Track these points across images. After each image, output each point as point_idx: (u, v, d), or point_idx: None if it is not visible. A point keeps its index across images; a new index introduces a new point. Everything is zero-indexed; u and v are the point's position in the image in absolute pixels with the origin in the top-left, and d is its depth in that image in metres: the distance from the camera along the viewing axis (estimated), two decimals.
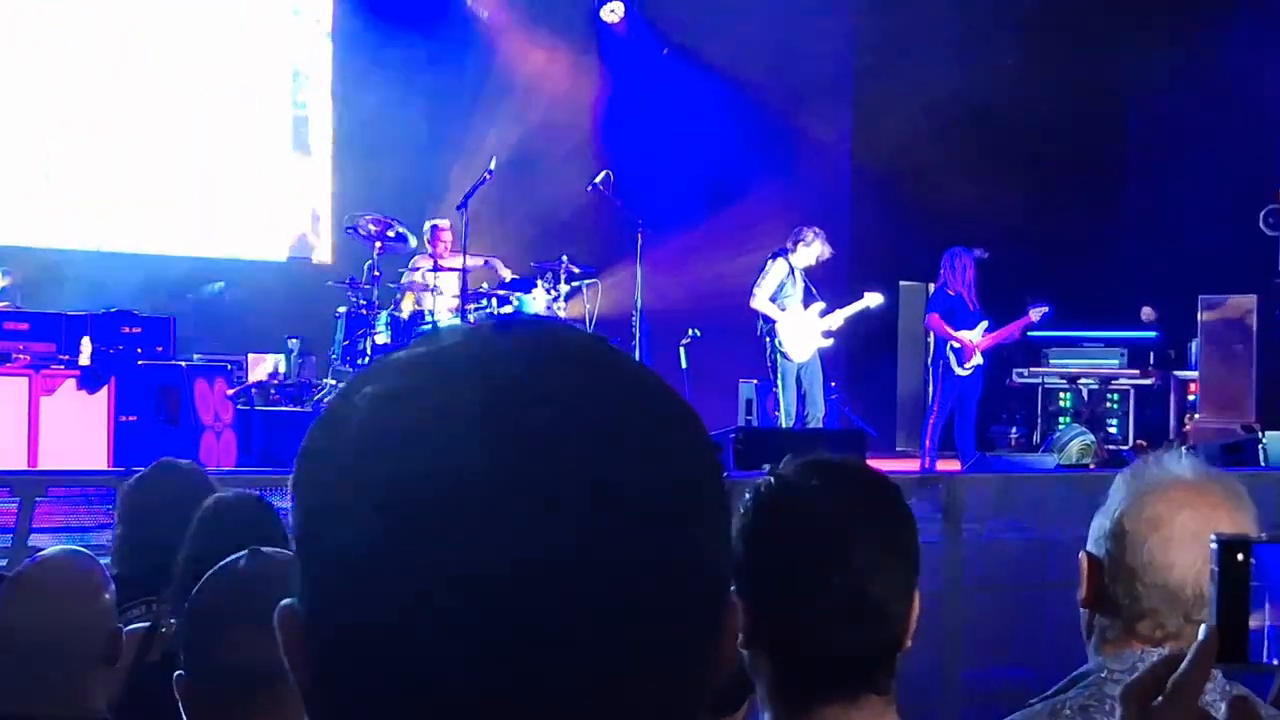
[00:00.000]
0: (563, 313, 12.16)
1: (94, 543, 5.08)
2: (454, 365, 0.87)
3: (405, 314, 12.14)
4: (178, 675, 2.18)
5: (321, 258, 15.08)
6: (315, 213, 15.31)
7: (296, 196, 15.19)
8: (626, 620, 0.83)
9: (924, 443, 12.15)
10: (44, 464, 9.65)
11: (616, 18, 15.78)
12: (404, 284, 12.40)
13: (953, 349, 11.85)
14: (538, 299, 12.09)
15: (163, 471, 4.17)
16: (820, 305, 11.85)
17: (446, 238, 12.49)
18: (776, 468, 2.02)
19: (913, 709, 2.09)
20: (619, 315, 12.65)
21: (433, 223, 12.73)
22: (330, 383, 12.27)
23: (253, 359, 13.26)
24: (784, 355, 11.74)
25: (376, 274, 12.30)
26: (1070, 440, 11.62)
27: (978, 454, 11.69)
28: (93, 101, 13.77)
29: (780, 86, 15.29)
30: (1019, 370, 15.37)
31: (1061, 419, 14.79)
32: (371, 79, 14.49)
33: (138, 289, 12.46)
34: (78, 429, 10.10)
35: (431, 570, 0.81)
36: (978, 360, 11.95)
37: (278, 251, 14.99)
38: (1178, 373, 14.91)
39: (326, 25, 15.39)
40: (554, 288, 12.25)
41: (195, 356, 11.72)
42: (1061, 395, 15.34)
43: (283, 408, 12.34)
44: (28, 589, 2.95)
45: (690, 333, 13.25)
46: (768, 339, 11.82)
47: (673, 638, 0.85)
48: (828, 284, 12.28)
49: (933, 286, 12.73)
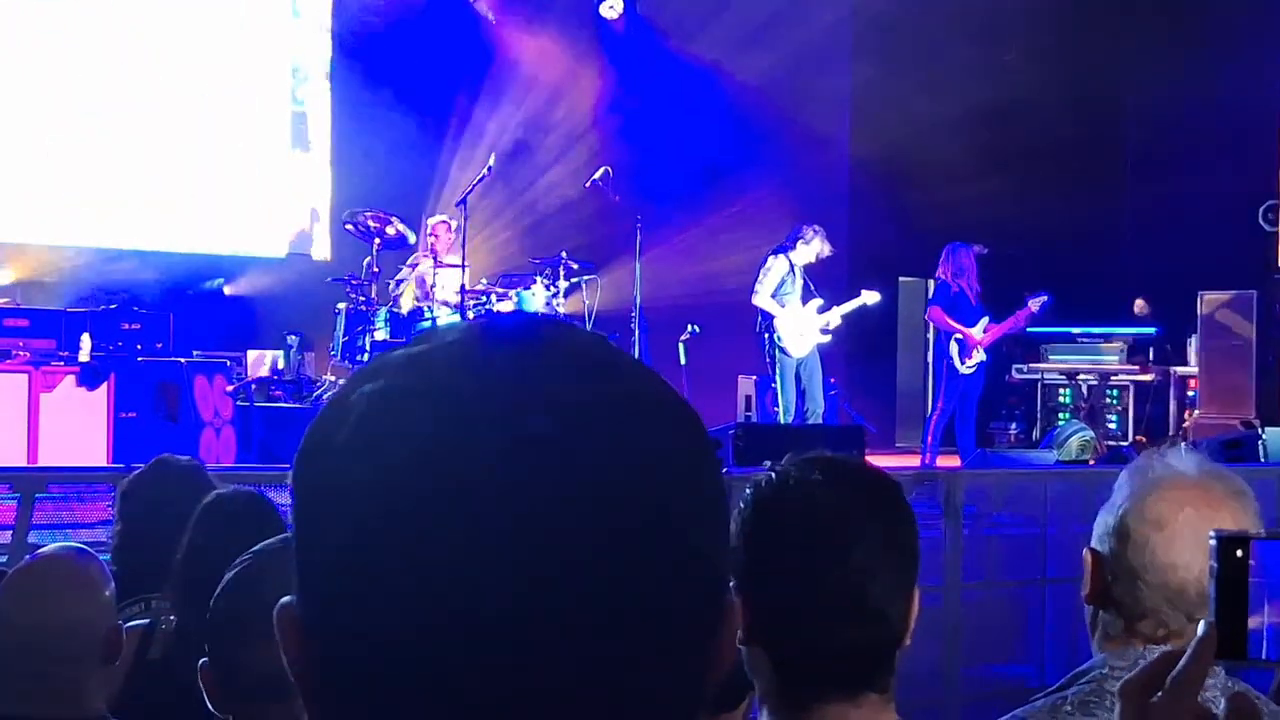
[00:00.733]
0: (562, 309, 12.15)
1: (93, 540, 5.07)
2: (453, 364, 0.87)
3: (404, 310, 12.14)
4: (202, 663, 2.16)
5: (321, 254, 15.07)
6: (315, 210, 15.30)
7: (296, 193, 15.18)
8: (626, 619, 0.83)
9: (925, 439, 12.15)
10: (44, 460, 9.63)
11: (615, 14, 15.77)
12: (403, 280, 12.40)
13: (957, 342, 11.84)
14: (537, 295, 12.07)
15: (162, 468, 4.16)
16: (818, 302, 11.85)
17: (446, 234, 12.49)
18: (776, 464, 2.01)
19: (912, 706, 2.09)
20: (618, 311, 12.64)
21: (432, 220, 12.74)
22: (330, 379, 12.28)
23: (252, 355, 13.28)
24: (783, 351, 11.74)
25: (376, 270, 12.29)
26: (1070, 436, 11.63)
27: (978, 450, 11.68)
28: (93, 98, 13.75)
29: (779, 83, 15.28)
30: (1018, 366, 15.37)
31: (1061, 415, 14.80)
32: (371, 76, 14.48)
33: (138, 285, 12.47)
34: (77, 425, 10.08)
35: (430, 569, 0.81)
36: (980, 357, 11.94)
37: (277, 248, 14.97)
38: (1177, 368, 14.90)
39: (326, 21, 15.37)
40: (553, 284, 12.23)
41: (195, 353, 11.72)
42: (1061, 391, 15.33)
43: (282, 404, 12.35)
44: (27, 586, 2.94)
45: (689, 328, 13.25)
46: (766, 335, 11.82)
47: (672, 636, 0.85)
48: (827, 280, 12.28)
49: (932, 282, 12.72)
